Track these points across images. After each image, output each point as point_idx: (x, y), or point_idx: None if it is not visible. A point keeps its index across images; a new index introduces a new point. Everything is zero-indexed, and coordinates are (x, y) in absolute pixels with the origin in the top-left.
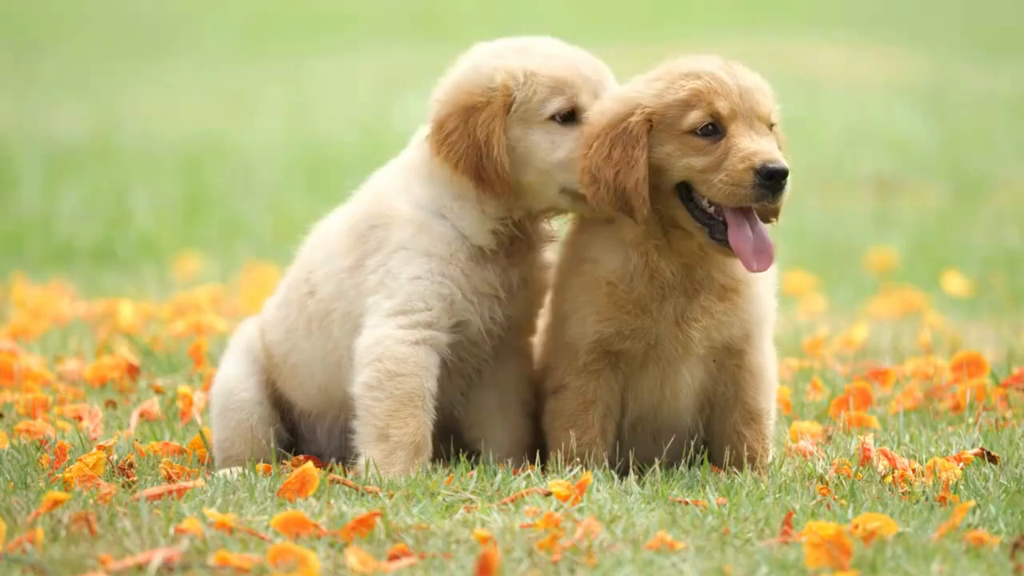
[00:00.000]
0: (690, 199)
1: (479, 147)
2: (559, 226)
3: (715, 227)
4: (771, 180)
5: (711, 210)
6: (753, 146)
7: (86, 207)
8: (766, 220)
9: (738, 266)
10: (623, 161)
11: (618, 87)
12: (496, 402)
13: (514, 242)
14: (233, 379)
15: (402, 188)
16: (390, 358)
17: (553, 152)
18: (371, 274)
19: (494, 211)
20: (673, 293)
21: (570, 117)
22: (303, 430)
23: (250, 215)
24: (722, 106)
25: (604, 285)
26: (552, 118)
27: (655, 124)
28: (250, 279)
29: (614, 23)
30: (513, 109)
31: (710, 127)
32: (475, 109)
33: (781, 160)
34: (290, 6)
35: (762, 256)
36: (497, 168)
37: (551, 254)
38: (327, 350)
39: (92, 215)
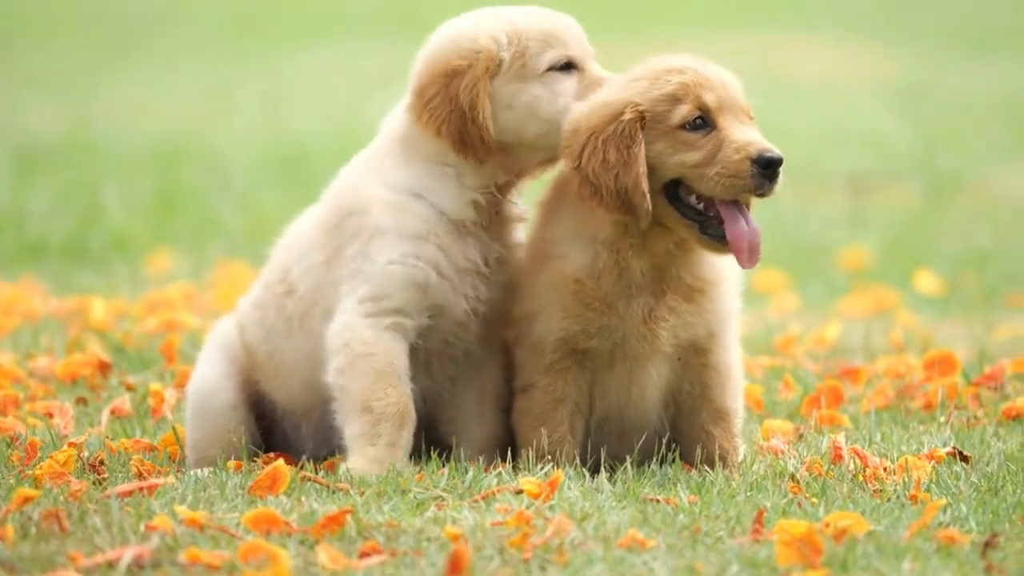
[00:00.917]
0: (676, 197)
1: (462, 111)
2: (527, 209)
3: (706, 223)
4: (768, 168)
5: (700, 206)
6: (746, 136)
7: (58, 203)
8: None
9: (706, 267)
10: (620, 162)
11: (595, 94)
12: (473, 397)
13: (492, 216)
14: (211, 381)
15: (375, 174)
16: (358, 342)
17: (558, 100)
18: (350, 262)
19: (474, 181)
20: (641, 292)
21: (566, 67)
22: (286, 428)
23: (223, 213)
24: (709, 99)
25: (571, 283)
26: (550, 69)
27: (646, 121)
28: (222, 277)
29: (592, 23)
30: (504, 69)
31: (699, 120)
32: (456, 74)
33: (775, 148)
34: (266, 4)
35: (754, 252)
36: (482, 132)
37: (523, 234)
38: (310, 348)
39: (64, 212)
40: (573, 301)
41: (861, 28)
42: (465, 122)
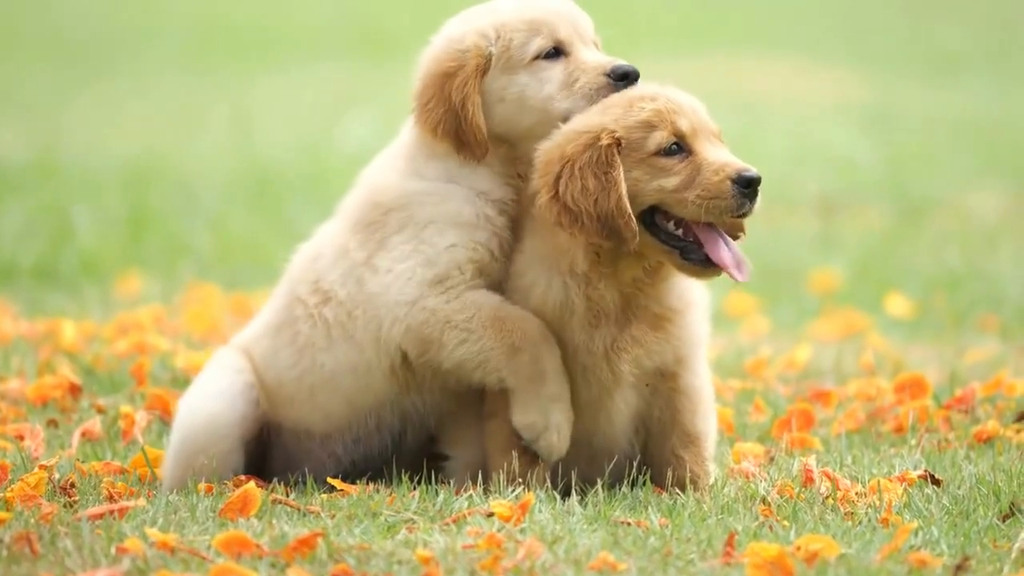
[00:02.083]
0: (652, 224)
1: (455, 112)
2: None
3: (686, 248)
4: (748, 188)
5: (678, 232)
6: (723, 158)
7: (28, 226)
8: (734, 237)
9: (674, 296)
10: (599, 188)
11: (568, 123)
12: (466, 414)
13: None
14: (221, 421)
15: (408, 170)
16: (452, 312)
17: (544, 88)
18: (401, 245)
19: (502, 168)
20: (607, 322)
21: (554, 53)
22: (310, 447)
23: (193, 235)
24: (683, 124)
25: (537, 312)
26: (536, 58)
27: (622, 148)
28: (192, 299)
29: None
30: (493, 63)
31: (675, 146)
32: (448, 75)
33: (753, 168)
34: (234, 26)
35: (743, 265)
36: (474, 131)
37: None
38: (354, 356)
39: (34, 234)
40: None
41: (828, 51)
42: (459, 122)
